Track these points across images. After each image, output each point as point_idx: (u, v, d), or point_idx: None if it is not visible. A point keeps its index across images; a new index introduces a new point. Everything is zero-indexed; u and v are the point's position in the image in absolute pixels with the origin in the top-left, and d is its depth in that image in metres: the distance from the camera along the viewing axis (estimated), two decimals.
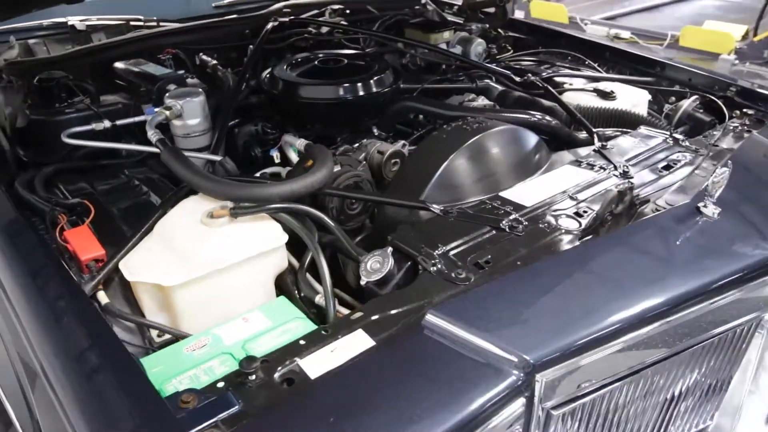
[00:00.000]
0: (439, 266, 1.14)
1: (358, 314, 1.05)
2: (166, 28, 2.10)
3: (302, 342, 1.00)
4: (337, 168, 1.58)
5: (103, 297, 1.16)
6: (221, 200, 1.31)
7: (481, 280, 1.10)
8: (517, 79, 2.18)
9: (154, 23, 2.20)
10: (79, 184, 1.49)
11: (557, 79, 2.24)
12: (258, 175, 1.59)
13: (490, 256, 1.18)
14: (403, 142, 1.67)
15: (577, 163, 1.56)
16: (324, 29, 2.33)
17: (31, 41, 2.06)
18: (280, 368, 0.94)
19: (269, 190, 1.30)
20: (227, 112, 1.70)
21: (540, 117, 1.79)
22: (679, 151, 1.62)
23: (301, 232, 1.26)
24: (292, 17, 2.27)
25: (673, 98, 2.19)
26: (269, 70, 1.95)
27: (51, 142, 1.66)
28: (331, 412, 0.84)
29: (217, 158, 1.53)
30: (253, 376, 0.91)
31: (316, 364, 0.95)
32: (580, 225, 1.28)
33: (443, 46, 2.40)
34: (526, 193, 1.41)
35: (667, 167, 1.55)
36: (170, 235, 1.24)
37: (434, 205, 1.33)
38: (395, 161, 1.63)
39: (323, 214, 1.31)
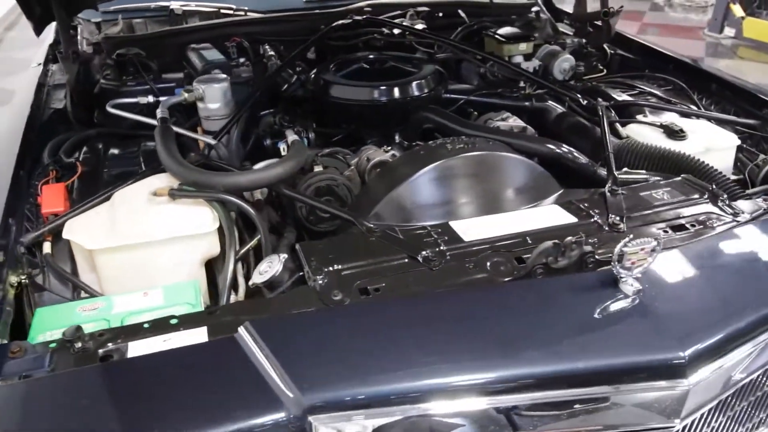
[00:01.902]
0: (321, 283, 1.10)
1: (215, 313, 1.06)
2: (235, 18, 2.26)
3: (146, 326, 1.03)
4: (317, 168, 1.59)
5: (46, 247, 1.31)
6: (179, 180, 1.39)
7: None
8: (584, 102, 1.96)
9: (242, 13, 2.38)
10: (95, 147, 1.68)
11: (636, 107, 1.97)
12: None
13: (384, 285, 1.10)
14: (393, 152, 1.61)
15: (569, 204, 1.37)
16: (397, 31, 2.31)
17: (135, 21, 2.36)
18: (109, 344, 0.99)
19: (214, 179, 1.35)
20: (247, 100, 1.78)
21: (566, 150, 1.60)
22: (709, 212, 1.33)
23: (224, 222, 1.29)
24: (366, 16, 2.28)
25: None
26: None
27: None
28: (102, 393, 0.87)
29: (212, 141, 1.62)
30: (79, 344, 0.97)
31: (141, 348, 0.98)
32: (515, 272, 1.13)
33: (519, 58, 2.24)
34: (478, 226, 1.28)
35: (680, 228, 1.29)
36: (119, 204, 1.35)
37: (364, 222, 1.27)
38: (379, 170, 1.58)
39: (252, 210, 1.32)
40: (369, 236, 1.23)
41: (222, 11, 2.37)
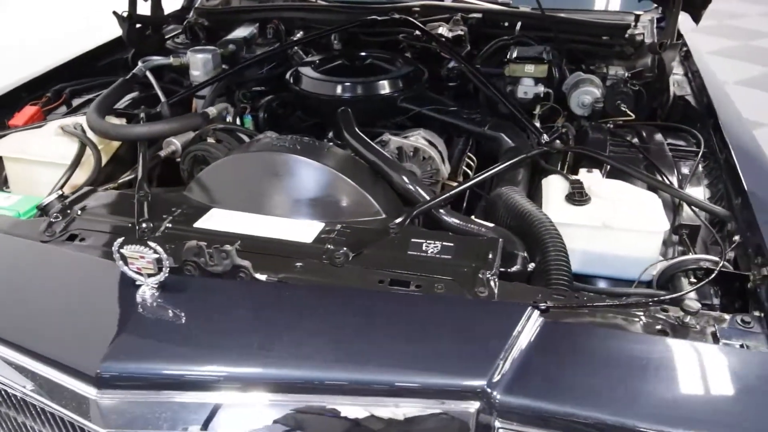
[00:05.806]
0: (52, 220, 1.32)
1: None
2: (281, 4, 2.49)
3: None
4: (210, 140, 1.77)
5: None
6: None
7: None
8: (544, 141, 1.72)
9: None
10: (101, 91, 2.12)
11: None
12: None
13: (90, 239, 1.28)
14: None
15: (328, 228, 1.31)
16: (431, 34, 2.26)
17: None
18: None
19: (95, 123, 1.65)
20: (225, 73, 2.03)
21: (406, 181, 1.48)
22: (452, 281, 1.15)
23: (71, 158, 1.59)
24: (401, 15, 2.29)
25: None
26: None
27: None
28: None
29: (163, 99, 1.91)
30: None
31: None
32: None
33: (528, 80, 2.00)
34: (227, 219, 1.35)
35: (402, 283, 1.16)
36: (43, 129, 1.76)
37: (143, 183, 1.43)
38: None
39: (94, 153, 1.59)
40: (130, 199, 1.39)
41: None
